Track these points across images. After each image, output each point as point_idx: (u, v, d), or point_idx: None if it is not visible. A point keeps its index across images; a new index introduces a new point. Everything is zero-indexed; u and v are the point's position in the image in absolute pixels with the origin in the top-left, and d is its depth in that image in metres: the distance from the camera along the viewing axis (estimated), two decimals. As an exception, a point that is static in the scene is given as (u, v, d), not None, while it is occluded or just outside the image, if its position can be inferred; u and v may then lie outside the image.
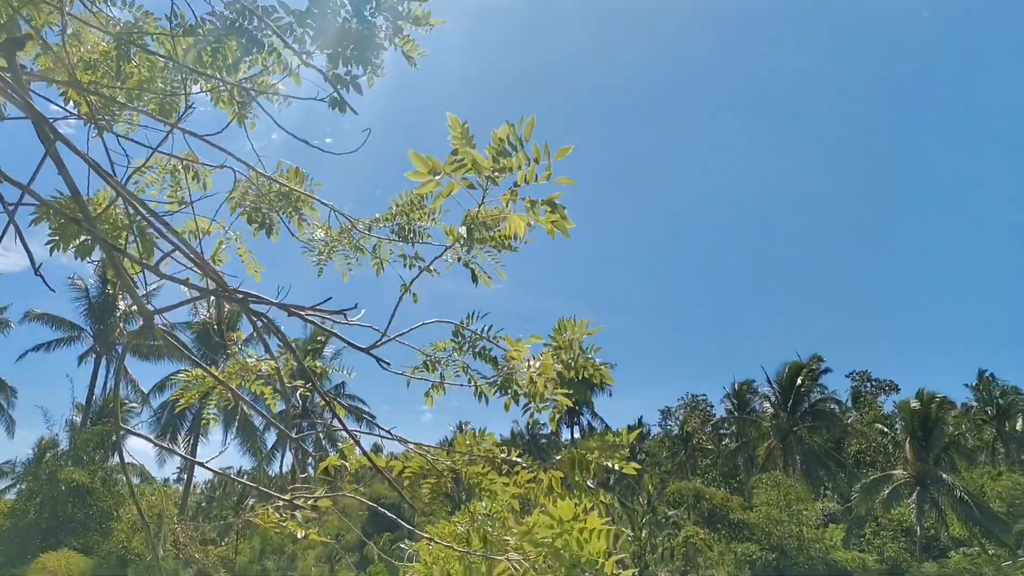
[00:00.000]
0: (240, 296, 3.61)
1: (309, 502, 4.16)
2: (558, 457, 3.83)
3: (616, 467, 3.63)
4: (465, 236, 3.68)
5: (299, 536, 4.06)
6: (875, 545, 44.61)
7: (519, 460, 4.00)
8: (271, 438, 44.45)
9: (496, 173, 3.20)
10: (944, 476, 42.37)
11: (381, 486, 62.00)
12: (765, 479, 42.86)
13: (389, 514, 4.47)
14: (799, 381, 55.71)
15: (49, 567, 27.48)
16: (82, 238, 3.79)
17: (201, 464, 4.06)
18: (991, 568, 35.27)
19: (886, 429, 54.26)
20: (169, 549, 31.35)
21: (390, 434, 4.23)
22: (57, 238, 3.76)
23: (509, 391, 4.12)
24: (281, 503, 4.16)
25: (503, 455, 4.05)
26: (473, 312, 4.25)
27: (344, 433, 4.31)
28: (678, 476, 63.07)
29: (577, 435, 65.53)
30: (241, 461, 52.20)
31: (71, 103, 3.97)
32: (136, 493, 4.45)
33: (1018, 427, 57.34)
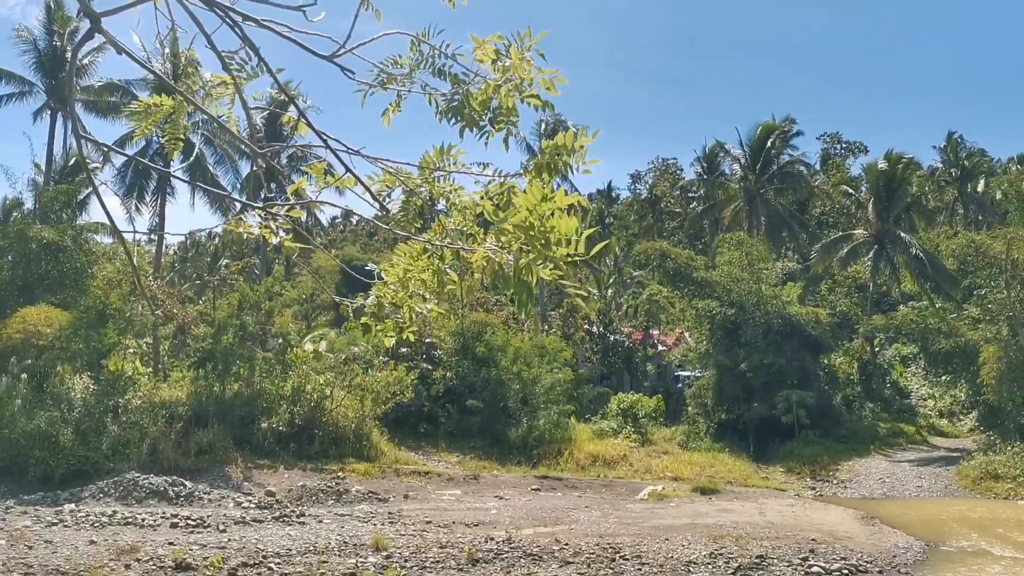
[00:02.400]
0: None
1: (284, 210, 3.96)
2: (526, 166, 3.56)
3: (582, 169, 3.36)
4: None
5: (274, 241, 3.88)
6: (829, 301, 46.91)
7: (487, 174, 3.76)
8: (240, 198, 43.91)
9: None
10: (902, 235, 43.68)
11: (352, 248, 62.92)
12: (728, 239, 43.87)
13: (361, 277, 4.29)
14: (770, 143, 55.54)
15: (29, 320, 27.94)
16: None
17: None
18: (936, 319, 37.36)
19: (851, 191, 55.07)
20: (147, 306, 31.90)
21: (359, 153, 3.92)
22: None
23: (464, 114, 3.79)
24: (256, 211, 3.94)
25: (472, 169, 3.80)
26: (431, 25, 3.82)
27: (314, 159, 4.00)
28: (645, 239, 64.42)
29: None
30: (211, 222, 52.12)
31: None
32: (123, 241, 4.14)
33: (979, 189, 58.52)
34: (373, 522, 20.86)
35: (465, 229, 3.56)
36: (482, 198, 3.70)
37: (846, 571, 17.58)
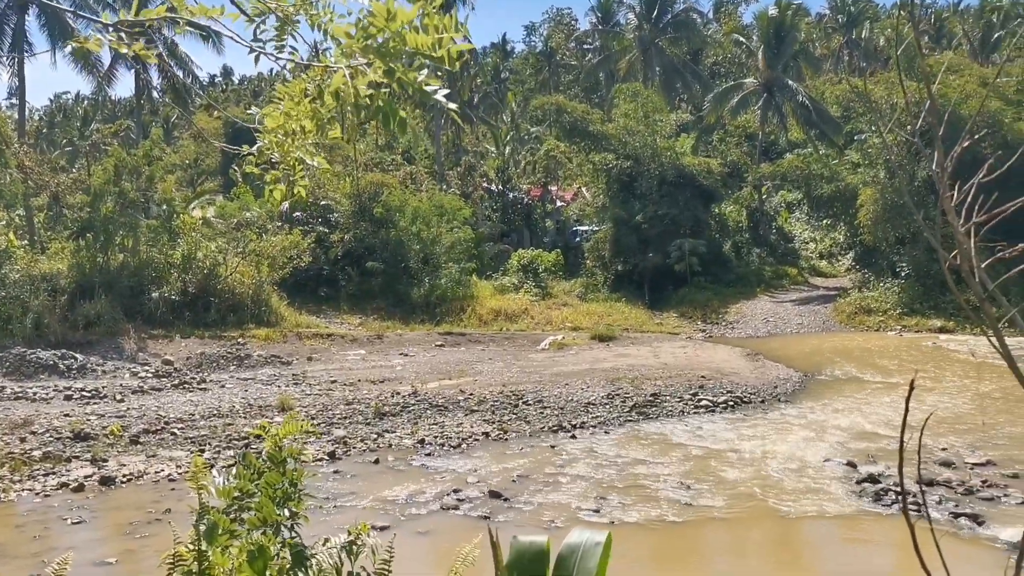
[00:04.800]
0: None
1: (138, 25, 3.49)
2: None
3: None
4: None
5: (125, 51, 3.44)
6: (720, 151, 47.87)
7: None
8: (107, 57, 40.56)
9: None
10: (790, 83, 44.45)
11: (236, 109, 59.64)
12: (624, 88, 43.68)
13: (250, 126, 3.89)
14: (665, -10, 54.60)
15: None
16: None
17: None
18: (819, 165, 38.80)
19: (743, 39, 55.21)
20: (14, 175, 29.64)
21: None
22: None
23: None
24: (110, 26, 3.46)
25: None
26: None
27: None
28: (542, 94, 63.47)
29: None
30: (78, 84, 48.06)
31: None
32: None
33: (864, 35, 59.68)
34: (277, 384, 20.85)
35: (348, 63, 3.23)
36: (356, 25, 3.37)
37: (731, 403, 18.80)
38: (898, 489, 12.64)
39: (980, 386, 19.11)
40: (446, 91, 2.78)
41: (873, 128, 34.32)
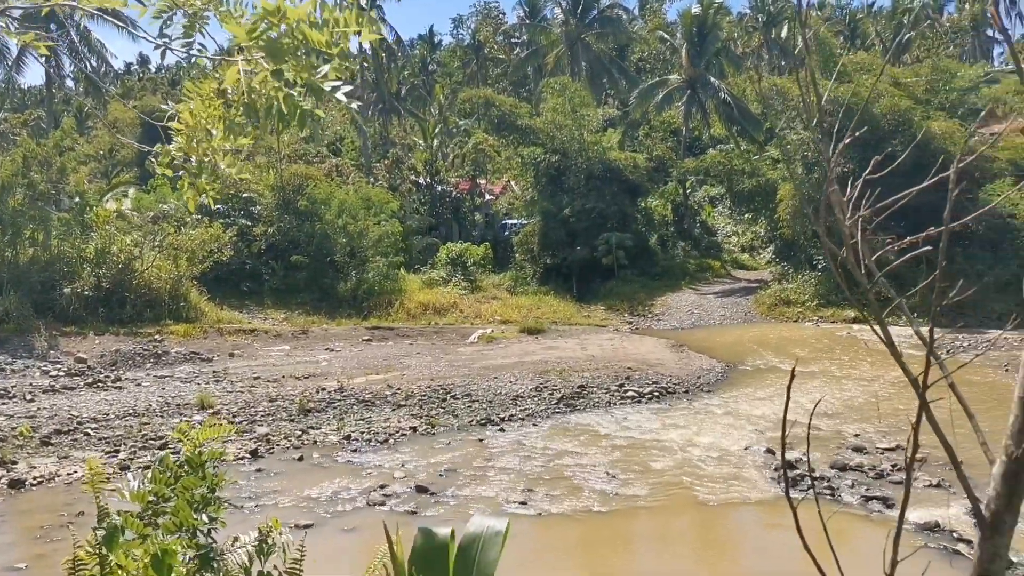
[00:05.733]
0: None
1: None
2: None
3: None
4: None
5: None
6: (646, 146, 48.57)
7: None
8: (14, 44, 38.69)
9: None
10: (712, 80, 45.36)
11: (153, 98, 57.70)
12: (552, 83, 43.89)
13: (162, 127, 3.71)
14: (591, -14, 54.96)
15: None
16: None
17: None
18: (740, 160, 39.74)
19: (667, 36, 56.11)
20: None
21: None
22: None
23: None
24: None
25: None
26: None
27: None
28: (470, 87, 63.24)
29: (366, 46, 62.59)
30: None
31: None
32: None
33: (783, 34, 61.35)
34: (197, 382, 20.27)
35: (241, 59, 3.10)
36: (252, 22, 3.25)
37: (657, 393, 19.12)
38: (815, 475, 13.06)
39: (890, 374, 19.90)
40: (348, 87, 2.69)
41: (791, 125, 35.31)
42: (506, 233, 44.58)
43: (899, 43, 62.30)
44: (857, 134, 2.25)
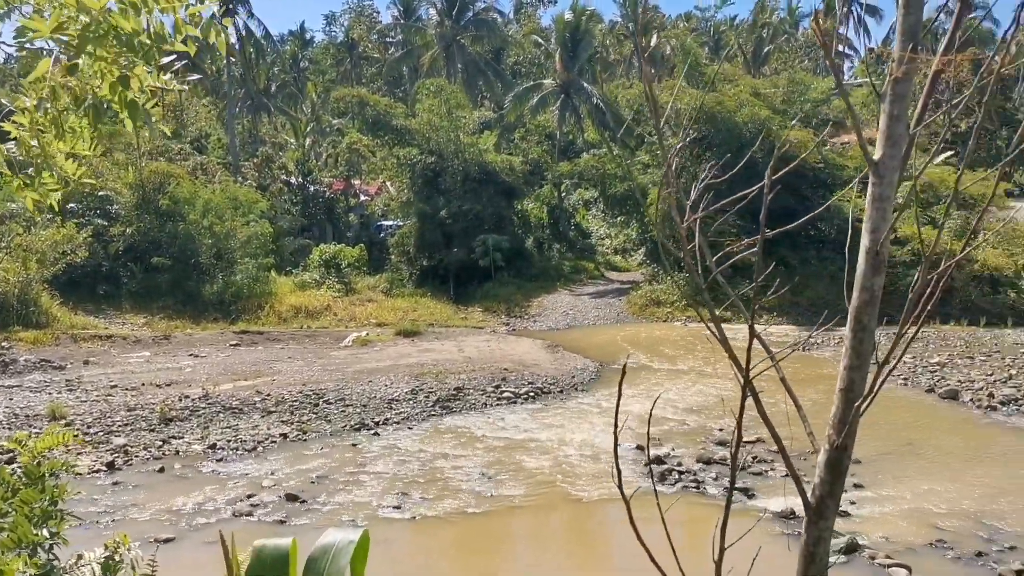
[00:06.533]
0: None
1: None
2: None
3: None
4: None
5: None
6: (522, 149, 49.14)
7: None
8: None
9: None
10: (585, 85, 46.40)
11: (3, 90, 53.58)
12: (427, 84, 43.72)
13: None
14: (466, -11, 55.15)
15: None
16: None
17: None
18: (613, 165, 40.79)
19: (541, 41, 56.97)
20: None
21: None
22: None
23: None
24: None
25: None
26: None
27: None
28: (343, 85, 62.11)
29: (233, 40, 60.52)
30: None
31: None
32: None
33: (652, 43, 63.46)
34: (48, 391, 18.94)
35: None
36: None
37: (532, 393, 19.35)
38: (681, 469, 13.56)
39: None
40: (196, 77, 2.57)
41: (655, 132, 36.54)
42: (382, 235, 44.01)
43: (759, 55, 65.74)
44: (688, 139, 2.34)
